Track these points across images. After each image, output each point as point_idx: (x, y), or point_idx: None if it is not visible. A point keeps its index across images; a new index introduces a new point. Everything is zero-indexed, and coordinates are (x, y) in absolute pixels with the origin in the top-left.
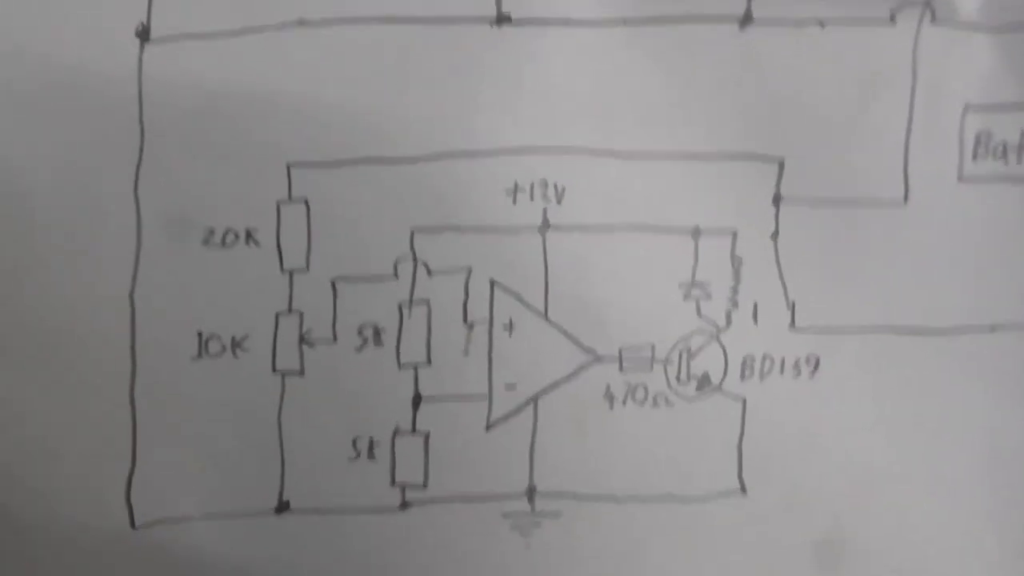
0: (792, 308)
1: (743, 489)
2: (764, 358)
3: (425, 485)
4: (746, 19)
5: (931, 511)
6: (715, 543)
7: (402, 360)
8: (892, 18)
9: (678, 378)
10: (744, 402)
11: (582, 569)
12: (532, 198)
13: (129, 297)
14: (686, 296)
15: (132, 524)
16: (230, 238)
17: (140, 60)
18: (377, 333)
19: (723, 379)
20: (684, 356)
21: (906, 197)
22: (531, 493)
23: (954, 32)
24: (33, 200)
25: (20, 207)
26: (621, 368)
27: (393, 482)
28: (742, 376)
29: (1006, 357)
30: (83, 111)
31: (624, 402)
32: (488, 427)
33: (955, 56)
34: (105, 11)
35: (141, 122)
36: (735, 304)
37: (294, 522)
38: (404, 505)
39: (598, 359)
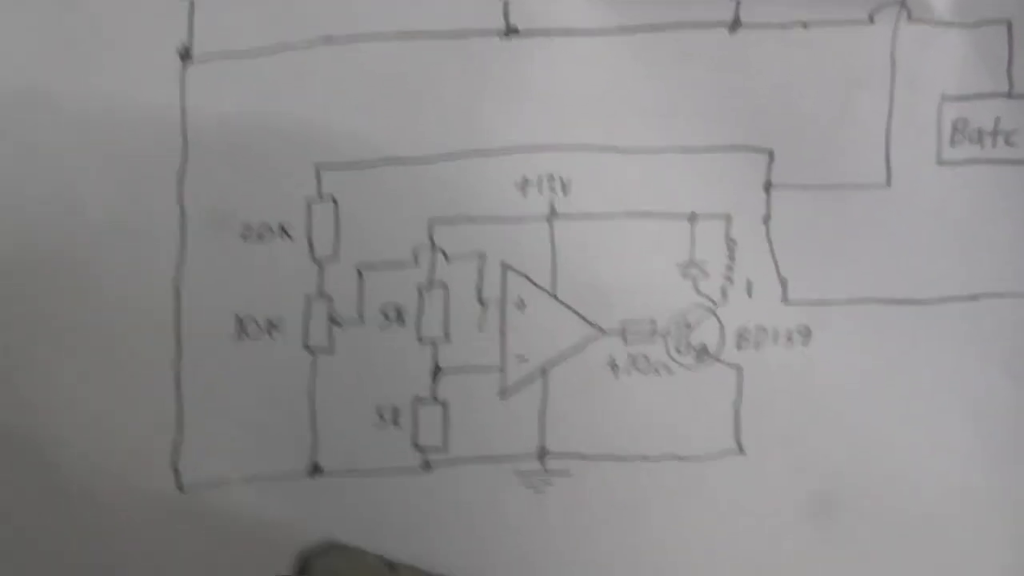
0: (784, 284)
1: (741, 450)
2: (758, 329)
3: (445, 448)
4: (735, 24)
5: (919, 465)
6: (715, 499)
7: (422, 336)
8: (871, 18)
9: (678, 349)
10: (740, 370)
11: (590, 522)
12: (540, 191)
13: (174, 286)
14: (684, 275)
15: (180, 488)
16: (266, 232)
17: (183, 77)
18: (399, 313)
19: (720, 349)
20: (683, 329)
21: (889, 181)
22: (542, 454)
23: (929, 29)
24: (88, 203)
25: (76, 210)
26: (624, 341)
27: (416, 446)
28: (738, 346)
29: (987, 323)
30: (132, 123)
31: (628, 371)
32: (502, 395)
33: (931, 51)
34: (151, 35)
35: (184, 132)
36: (730, 281)
37: (326, 483)
38: (426, 466)
39: (603, 332)
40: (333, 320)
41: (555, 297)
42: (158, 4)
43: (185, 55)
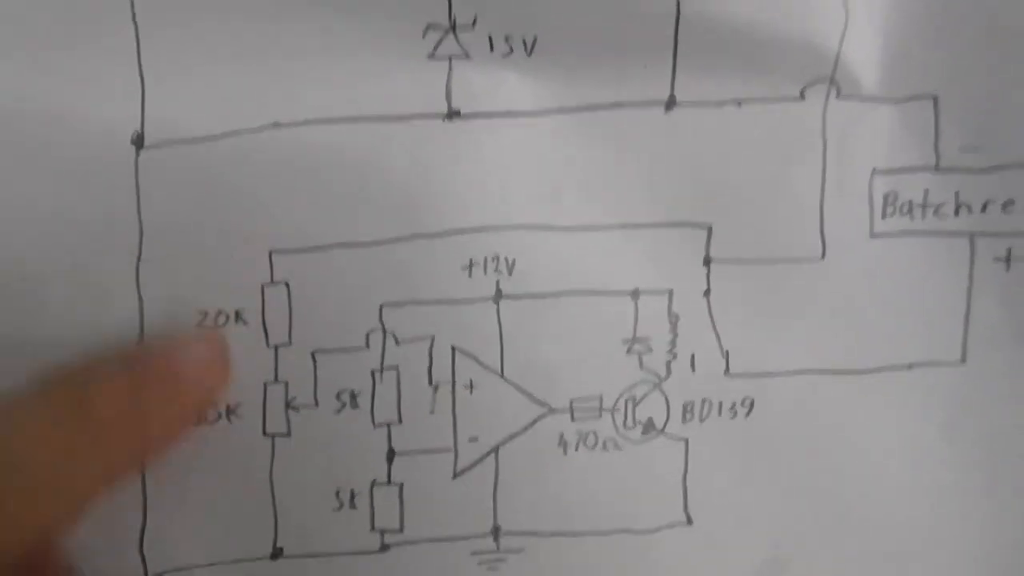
0: (726, 356)
1: (689, 520)
2: (703, 402)
3: (401, 529)
4: (670, 103)
5: (862, 527)
6: (666, 569)
7: (376, 420)
8: (802, 95)
9: (625, 424)
10: (687, 442)
11: None
12: (485, 272)
13: None
14: (629, 351)
15: (145, 574)
16: (221, 319)
17: (136, 165)
18: (353, 397)
19: (666, 423)
20: (629, 404)
21: (823, 253)
22: (496, 532)
23: (858, 105)
24: (47, 293)
25: (36, 305)
26: (572, 418)
27: (373, 527)
28: (683, 419)
29: (922, 390)
30: (87, 215)
31: (576, 448)
32: (455, 476)
33: (861, 126)
34: (104, 123)
35: (140, 221)
36: (674, 356)
37: (287, 566)
38: (383, 548)
39: (551, 411)
40: (289, 405)
41: (503, 377)
42: (110, 91)
43: (138, 142)
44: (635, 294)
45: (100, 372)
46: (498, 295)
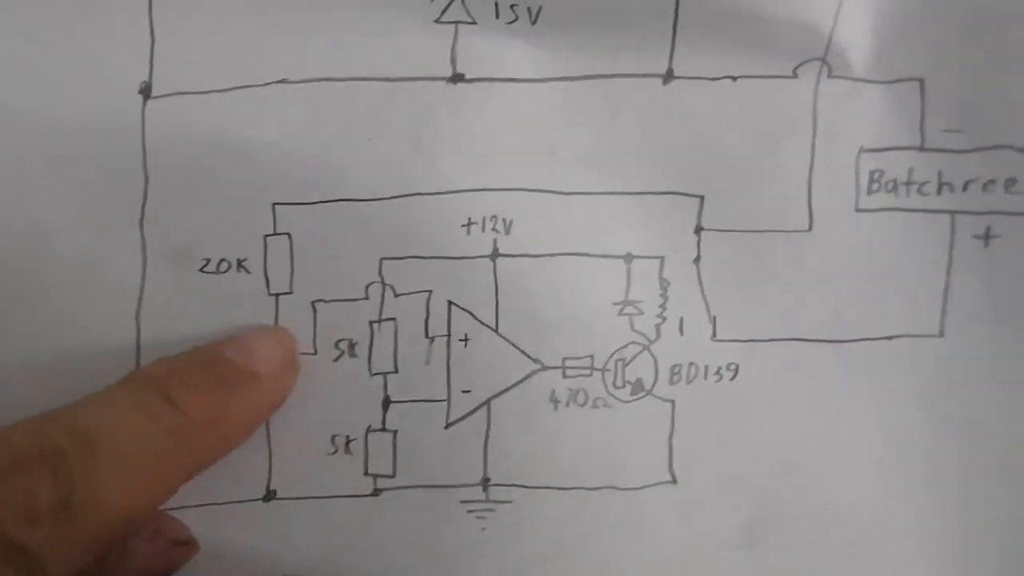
0: (713, 322)
1: (674, 480)
2: (690, 365)
3: (394, 475)
4: (668, 76)
5: (838, 494)
6: (649, 527)
7: (373, 369)
8: (794, 73)
9: (615, 384)
10: (673, 404)
11: (531, 549)
12: (484, 230)
13: (135, 318)
14: (620, 313)
15: None
16: (224, 266)
17: (143, 114)
18: (351, 346)
19: (654, 384)
20: (620, 365)
21: (810, 226)
22: (485, 483)
23: (848, 84)
24: (53, 238)
25: (41, 244)
26: (564, 375)
27: (366, 472)
28: (671, 381)
29: (901, 362)
30: (94, 160)
31: (567, 404)
32: (447, 426)
33: (850, 105)
34: (113, 72)
35: (145, 168)
36: (664, 319)
37: (280, 508)
38: (376, 492)
39: (544, 367)
40: None
41: (498, 332)
42: (120, 41)
43: (146, 92)
44: (628, 258)
45: (185, 372)
46: (495, 253)
